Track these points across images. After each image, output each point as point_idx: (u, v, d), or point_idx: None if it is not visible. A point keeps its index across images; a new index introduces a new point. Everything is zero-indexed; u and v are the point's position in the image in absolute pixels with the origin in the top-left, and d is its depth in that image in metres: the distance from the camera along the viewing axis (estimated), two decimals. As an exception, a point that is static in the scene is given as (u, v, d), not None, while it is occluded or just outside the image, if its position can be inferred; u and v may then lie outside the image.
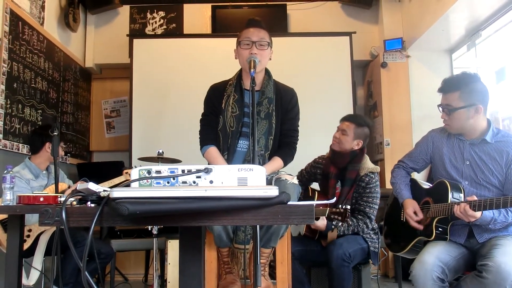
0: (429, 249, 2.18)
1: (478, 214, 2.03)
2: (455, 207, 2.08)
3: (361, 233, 2.76)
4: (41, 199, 1.91)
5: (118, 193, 0.98)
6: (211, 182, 1.11)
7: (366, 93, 5.36)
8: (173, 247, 3.29)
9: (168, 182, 1.11)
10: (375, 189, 2.80)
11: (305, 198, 2.96)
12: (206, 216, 1.02)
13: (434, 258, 2.08)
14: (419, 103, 4.79)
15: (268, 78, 2.38)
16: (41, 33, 3.97)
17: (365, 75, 5.39)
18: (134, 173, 1.13)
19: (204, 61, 4.70)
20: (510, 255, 1.96)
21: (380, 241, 2.81)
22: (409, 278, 2.15)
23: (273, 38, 2.38)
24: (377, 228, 2.83)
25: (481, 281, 1.93)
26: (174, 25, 5.13)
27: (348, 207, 2.56)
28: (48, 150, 3.06)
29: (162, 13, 5.14)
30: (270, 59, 2.37)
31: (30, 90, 3.75)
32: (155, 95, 4.74)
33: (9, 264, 2.12)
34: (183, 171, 1.11)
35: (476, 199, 2.05)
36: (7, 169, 2.24)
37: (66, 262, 2.90)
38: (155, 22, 5.14)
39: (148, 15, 5.15)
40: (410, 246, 2.38)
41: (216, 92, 2.42)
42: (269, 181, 2.17)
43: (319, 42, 4.85)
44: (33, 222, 2.86)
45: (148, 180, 1.11)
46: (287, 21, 5.06)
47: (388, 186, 3.06)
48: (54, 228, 2.79)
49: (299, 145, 2.42)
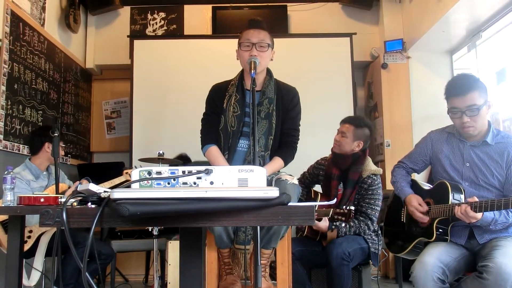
0: (429, 250, 2.17)
1: (479, 215, 2.03)
2: (456, 208, 2.08)
3: (363, 234, 2.76)
4: (42, 200, 1.91)
5: (118, 194, 0.98)
6: (211, 183, 1.11)
7: (366, 94, 5.36)
8: (173, 248, 3.29)
9: (168, 183, 1.12)
10: (377, 191, 2.80)
11: (307, 200, 2.96)
12: (206, 217, 1.02)
13: (435, 259, 2.08)
14: (419, 104, 4.79)
15: (269, 78, 2.38)
16: (41, 34, 3.97)
17: (366, 76, 5.39)
18: (135, 174, 1.13)
19: (204, 62, 4.70)
20: (511, 256, 1.95)
21: (381, 242, 2.81)
22: (409, 279, 2.15)
23: (274, 39, 2.37)
24: (379, 229, 2.83)
25: (482, 282, 1.92)
26: (174, 26, 5.13)
27: (353, 208, 2.56)
28: (48, 150, 3.06)
29: (162, 14, 5.15)
30: (272, 59, 2.36)
31: (30, 91, 3.76)
32: (156, 96, 4.75)
33: (9, 265, 2.12)
34: (183, 172, 1.11)
35: (477, 200, 2.05)
36: (7, 170, 2.24)
37: (67, 263, 2.91)
38: (156, 23, 5.14)
39: (149, 16, 5.15)
40: (410, 247, 2.38)
41: (218, 91, 2.42)
42: (269, 182, 2.17)
43: (319, 43, 4.86)
44: (34, 223, 2.86)
45: (149, 181, 1.11)
46: (287, 22, 5.06)
47: (389, 187, 3.06)
48: (54, 229, 2.79)
49: (300, 146, 2.41)
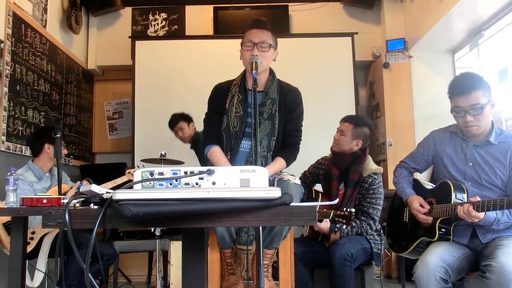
0: (432, 249, 2.17)
1: (481, 214, 2.03)
2: (459, 208, 2.08)
3: (365, 234, 2.75)
4: (44, 201, 1.91)
5: (121, 195, 0.98)
6: (213, 183, 1.11)
7: (368, 94, 5.35)
8: (176, 248, 3.29)
9: (170, 184, 1.12)
10: (379, 190, 2.79)
11: (308, 199, 2.96)
12: (208, 218, 1.02)
13: (437, 259, 2.08)
14: (421, 104, 4.78)
15: (272, 79, 2.36)
16: (43, 36, 3.98)
17: (367, 75, 5.38)
18: (137, 175, 1.13)
19: (206, 62, 4.71)
20: (514, 255, 1.95)
21: (384, 242, 2.80)
22: (412, 279, 2.14)
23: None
24: (381, 229, 2.82)
25: (485, 281, 1.92)
26: (176, 26, 5.14)
27: (353, 210, 2.54)
28: (48, 151, 3.06)
29: (164, 15, 5.15)
30: (275, 60, 2.34)
31: (33, 92, 3.76)
32: (158, 96, 4.75)
33: (12, 266, 2.13)
34: (185, 172, 1.11)
35: (480, 200, 2.04)
36: (10, 171, 2.24)
37: (70, 263, 2.91)
38: (157, 23, 5.15)
39: (150, 17, 5.16)
40: (413, 246, 2.38)
41: (220, 91, 2.41)
42: (271, 182, 2.17)
43: (321, 43, 4.85)
44: (36, 224, 2.87)
45: (151, 182, 1.12)
46: (289, 22, 5.06)
47: (391, 187, 3.06)
48: (57, 230, 2.80)
49: (301, 146, 2.41)
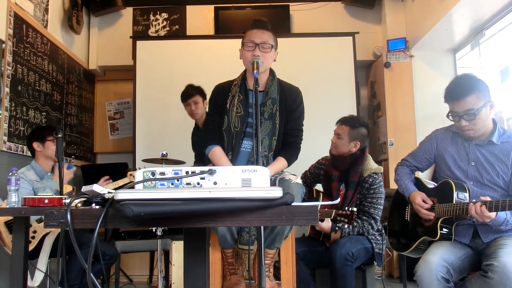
0: (433, 249, 2.17)
1: (492, 215, 2.01)
2: (471, 206, 2.05)
3: (366, 234, 2.75)
4: (46, 201, 1.92)
5: (122, 195, 0.98)
6: (215, 183, 1.11)
7: (369, 93, 5.35)
8: (177, 248, 3.29)
9: (172, 184, 1.12)
10: (379, 189, 2.78)
11: (309, 199, 2.96)
12: (210, 217, 1.02)
13: (439, 258, 2.07)
14: (423, 103, 4.78)
15: (272, 79, 2.36)
16: (45, 36, 3.98)
17: (369, 75, 5.38)
18: (139, 175, 1.13)
19: (207, 62, 4.70)
20: (516, 255, 1.94)
21: (385, 242, 2.80)
22: (413, 279, 2.14)
23: (276, 39, 2.36)
24: (382, 228, 2.82)
25: (487, 281, 1.92)
26: (177, 26, 5.14)
27: (355, 209, 2.54)
28: (38, 149, 3.10)
29: (165, 15, 5.15)
30: (275, 60, 2.34)
31: (34, 92, 3.77)
32: (159, 96, 4.75)
33: (14, 266, 2.13)
34: (187, 172, 1.11)
35: (489, 199, 2.02)
36: (12, 171, 2.24)
37: (71, 263, 2.91)
38: (158, 24, 5.15)
39: (151, 17, 5.16)
40: (414, 245, 2.38)
41: (221, 91, 2.41)
42: (273, 182, 2.16)
43: (322, 42, 4.85)
44: (33, 220, 2.87)
45: (152, 181, 1.12)
46: (290, 21, 5.06)
47: (393, 186, 3.05)
48: (59, 230, 2.80)
49: (303, 145, 2.40)
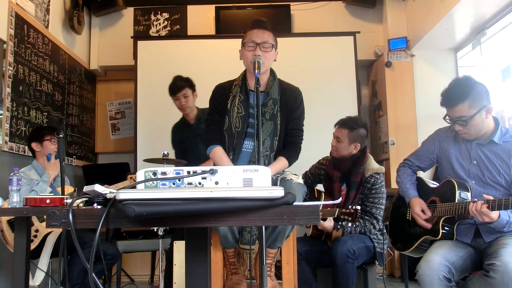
0: (435, 248, 2.17)
1: (494, 215, 2.00)
2: (471, 205, 2.04)
3: (368, 234, 2.75)
4: (48, 201, 1.92)
5: (124, 194, 0.98)
6: (216, 183, 1.11)
7: (370, 93, 5.35)
8: (179, 248, 3.29)
9: (173, 184, 1.12)
10: (381, 189, 2.78)
11: (311, 199, 2.96)
12: (211, 217, 1.02)
13: (441, 258, 2.07)
14: (424, 102, 4.77)
15: (272, 79, 2.37)
16: (46, 36, 3.99)
17: (370, 74, 5.37)
18: (140, 175, 1.13)
19: (208, 62, 4.70)
20: (517, 254, 1.94)
21: (387, 242, 2.80)
22: (415, 278, 2.14)
23: (277, 38, 2.36)
24: (384, 228, 2.82)
25: (488, 280, 1.91)
26: (178, 26, 5.14)
27: (359, 207, 2.54)
28: (37, 149, 3.14)
29: (166, 15, 5.15)
30: (275, 60, 2.35)
31: (35, 92, 3.77)
32: (160, 96, 4.73)
33: (16, 265, 2.14)
34: (188, 172, 1.11)
35: (492, 198, 2.01)
36: (13, 171, 2.25)
37: (73, 263, 2.92)
38: (159, 23, 5.15)
39: (152, 17, 5.16)
40: (415, 245, 2.38)
41: (222, 91, 2.41)
42: (274, 181, 2.17)
43: (323, 42, 4.84)
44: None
45: (154, 181, 1.12)
46: (290, 21, 5.06)
47: (394, 185, 3.05)
48: (61, 229, 2.81)
49: (303, 145, 2.40)
